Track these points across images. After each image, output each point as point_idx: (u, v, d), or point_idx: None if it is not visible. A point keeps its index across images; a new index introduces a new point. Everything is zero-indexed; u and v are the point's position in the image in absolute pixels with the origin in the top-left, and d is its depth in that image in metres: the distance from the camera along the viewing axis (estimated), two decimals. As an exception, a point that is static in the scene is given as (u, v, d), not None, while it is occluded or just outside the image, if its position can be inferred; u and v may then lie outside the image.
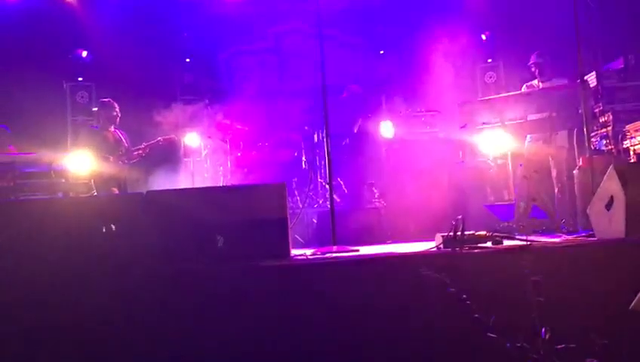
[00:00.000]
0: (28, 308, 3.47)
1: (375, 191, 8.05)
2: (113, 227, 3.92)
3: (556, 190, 6.18)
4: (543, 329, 2.65)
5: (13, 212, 4.06)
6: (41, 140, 7.54)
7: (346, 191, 8.34)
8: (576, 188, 5.78)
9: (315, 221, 7.61)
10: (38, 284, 3.55)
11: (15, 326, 3.44)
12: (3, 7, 8.96)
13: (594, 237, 4.33)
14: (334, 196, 5.47)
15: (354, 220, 6.63)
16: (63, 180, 6.45)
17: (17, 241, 3.81)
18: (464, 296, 2.77)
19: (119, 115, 7.53)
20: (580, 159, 5.87)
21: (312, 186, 8.30)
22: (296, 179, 8.40)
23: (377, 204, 7.86)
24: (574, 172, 5.83)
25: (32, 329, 3.44)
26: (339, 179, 8.14)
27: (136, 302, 3.53)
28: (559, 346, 2.62)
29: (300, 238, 6.88)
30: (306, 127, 8.74)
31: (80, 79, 9.69)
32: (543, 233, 5.55)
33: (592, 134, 7.26)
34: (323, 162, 8.34)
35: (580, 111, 5.35)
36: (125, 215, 4.05)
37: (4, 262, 3.75)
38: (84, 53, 9.71)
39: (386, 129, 8.27)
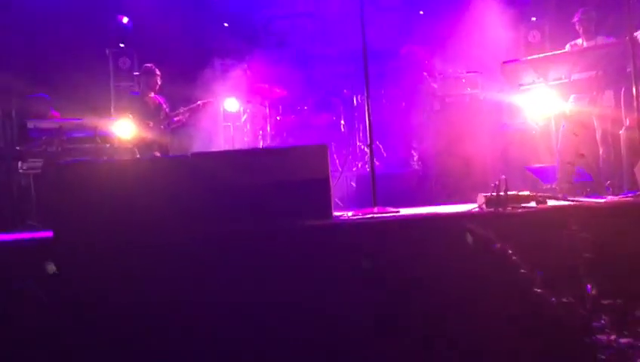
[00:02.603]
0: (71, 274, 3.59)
1: (414, 153, 8.03)
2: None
3: (601, 151, 6.05)
4: (589, 286, 2.65)
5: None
6: (86, 106, 7.70)
7: (384, 154, 8.33)
8: (622, 148, 5.65)
9: (354, 184, 7.64)
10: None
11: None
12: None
13: (641, 197, 4.25)
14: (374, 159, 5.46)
15: (393, 183, 6.65)
16: (108, 145, 6.59)
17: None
18: (510, 251, 2.78)
19: (159, 82, 7.60)
20: (627, 119, 5.72)
21: (350, 150, 8.31)
22: (334, 143, 8.41)
23: (417, 166, 7.84)
24: (620, 132, 5.69)
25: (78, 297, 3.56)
26: (377, 142, 8.12)
27: (182, 263, 3.62)
28: (605, 301, 2.62)
29: (339, 202, 6.92)
30: (345, 91, 8.71)
31: (121, 45, 9.80)
32: (587, 195, 5.47)
33: (641, 93, 7.04)
34: (361, 125, 8.32)
35: (628, 69, 5.19)
36: (171, 177, 4.14)
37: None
38: (125, 20, 9.81)
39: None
